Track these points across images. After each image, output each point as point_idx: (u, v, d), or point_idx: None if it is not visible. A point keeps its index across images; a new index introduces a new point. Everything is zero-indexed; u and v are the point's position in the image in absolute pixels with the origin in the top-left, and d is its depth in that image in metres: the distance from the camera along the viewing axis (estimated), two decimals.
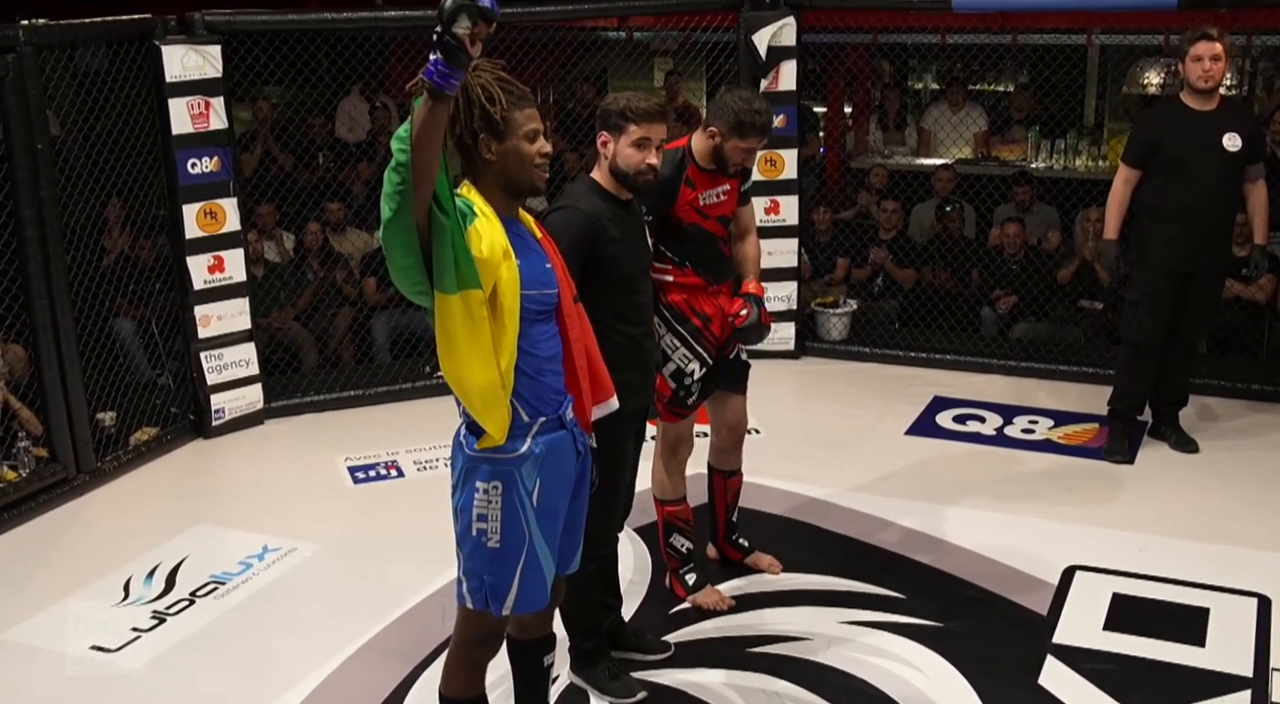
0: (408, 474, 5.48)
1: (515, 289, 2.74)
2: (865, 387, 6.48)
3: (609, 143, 3.40)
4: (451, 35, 2.43)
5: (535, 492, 2.86)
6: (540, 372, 2.84)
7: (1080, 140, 8.78)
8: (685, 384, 3.99)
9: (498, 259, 2.70)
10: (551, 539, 2.92)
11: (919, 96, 10.10)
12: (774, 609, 4.19)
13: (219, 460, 5.78)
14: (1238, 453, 5.52)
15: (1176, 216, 5.16)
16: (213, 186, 5.74)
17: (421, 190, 2.56)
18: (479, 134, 2.75)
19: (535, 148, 2.77)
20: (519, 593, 2.88)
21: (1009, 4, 7.15)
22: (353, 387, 6.39)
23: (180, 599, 4.38)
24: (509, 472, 2.82)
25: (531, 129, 2.77)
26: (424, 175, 2.55)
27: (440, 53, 2.45)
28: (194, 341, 5.83)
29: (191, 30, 5.63)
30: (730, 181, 4.01)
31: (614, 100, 3.45)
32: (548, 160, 2.82)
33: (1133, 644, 3.93)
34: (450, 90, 2.49)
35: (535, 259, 2.84)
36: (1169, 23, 7.20)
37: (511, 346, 2.75)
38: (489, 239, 2.70)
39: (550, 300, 2.87)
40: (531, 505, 2.85)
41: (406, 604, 4.27)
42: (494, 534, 2.85)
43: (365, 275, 7.25)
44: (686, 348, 3.98)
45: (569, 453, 2.94)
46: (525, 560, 2.86)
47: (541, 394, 2.84)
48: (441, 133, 2.55)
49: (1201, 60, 5.04)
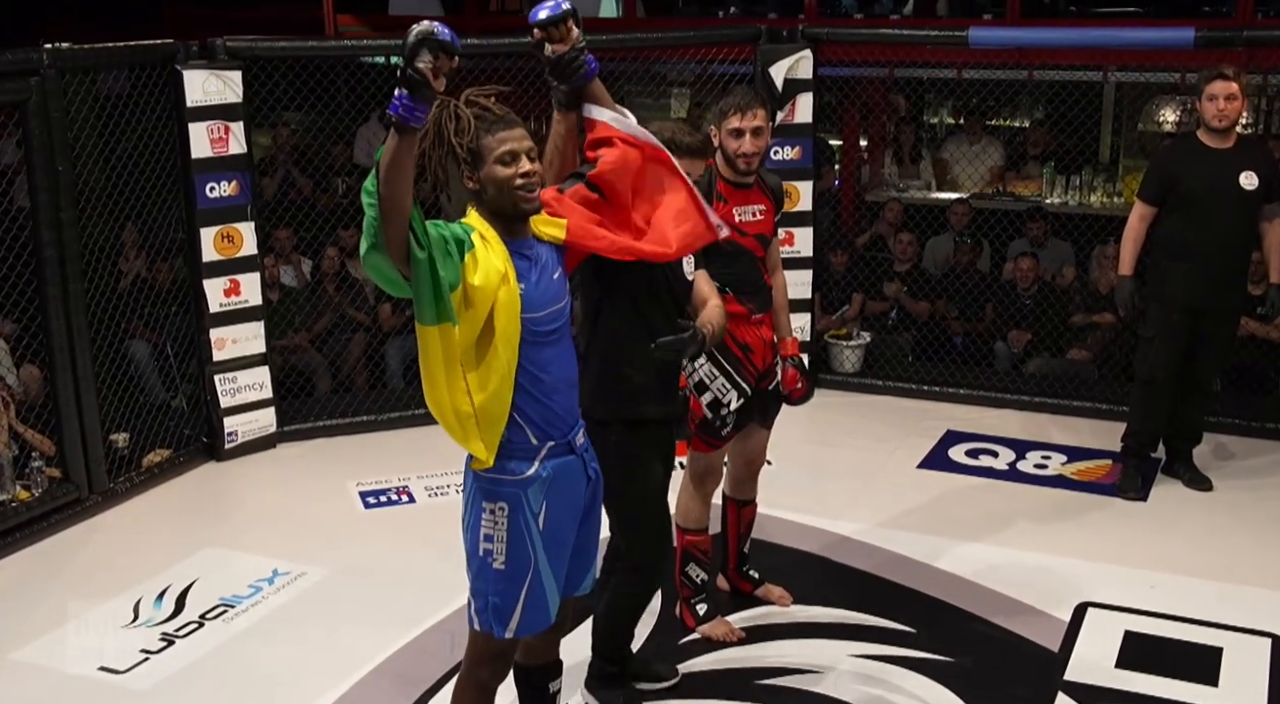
0: (419, 500, 5.48)
1: (514, 313, 2.75)
2: (878, 419, 6.47)
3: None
4: (414, 69, 2.47)
5: (541, 515, 2.87)
6: (549, 394, 2.85)
7: (1095, 177, 8.77)
8: (722, 415, 3.99)
9: (493, 285, 2.72)
10: (558, 563, 2.94)
11: (934, 131, 10.12)
12: (784, 641, 4.17)
13: (231, 483, 5.79)
14: (1252, 492, 5.49)
15: (1192, 254, 5.15)
16: (231, 210, 5.78)
17: (393, 224, 2.57)
18: (459, 165, 2.77)
19: (512, 171, 2.74)
20: (523, 615, 2.90)
21: (1025, 40, 7.18)
22: (366, 412, 6.40)
23: (190, 621, 4.38)
24: (515, 494, 2.85)
25: (505, 152, 2.74)
26: (394, 209, 2.56)
27: (404, 87, 2.49)
28: (208, 364, 5.85)
29: (213, 56, 5.68)
30: (764, 201, 4.02)
31: (658, 132, 3.41)
32: (530, 180, 2.76)
33: (1145, 683, 3.91)
34: (416, 123, 2.52)
35: (545, 277, 2.84)
36: (1185, 61, 7.20)
37: (503, 373, 2.76)
38: (484, 265, 2.72)
39: (560, 318, 2.88)
40: (537, 528, 2.87)
41: (415, 630, 4.27)
42: (499, 555, 2.87)
43: (380, 301, 7.27)
44: (726, 378, 3.97)
45: (578, 478, 2.95)
46: (530, 583, 2.89)
47: (550, 417, 2.86)
48: (410, 166, 2.56)
49: (1217, 99, 5.05)
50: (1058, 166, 8.73)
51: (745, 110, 3.88)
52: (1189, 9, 8.24)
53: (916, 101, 9.85)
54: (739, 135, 3.90)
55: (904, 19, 9.05)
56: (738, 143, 3.90)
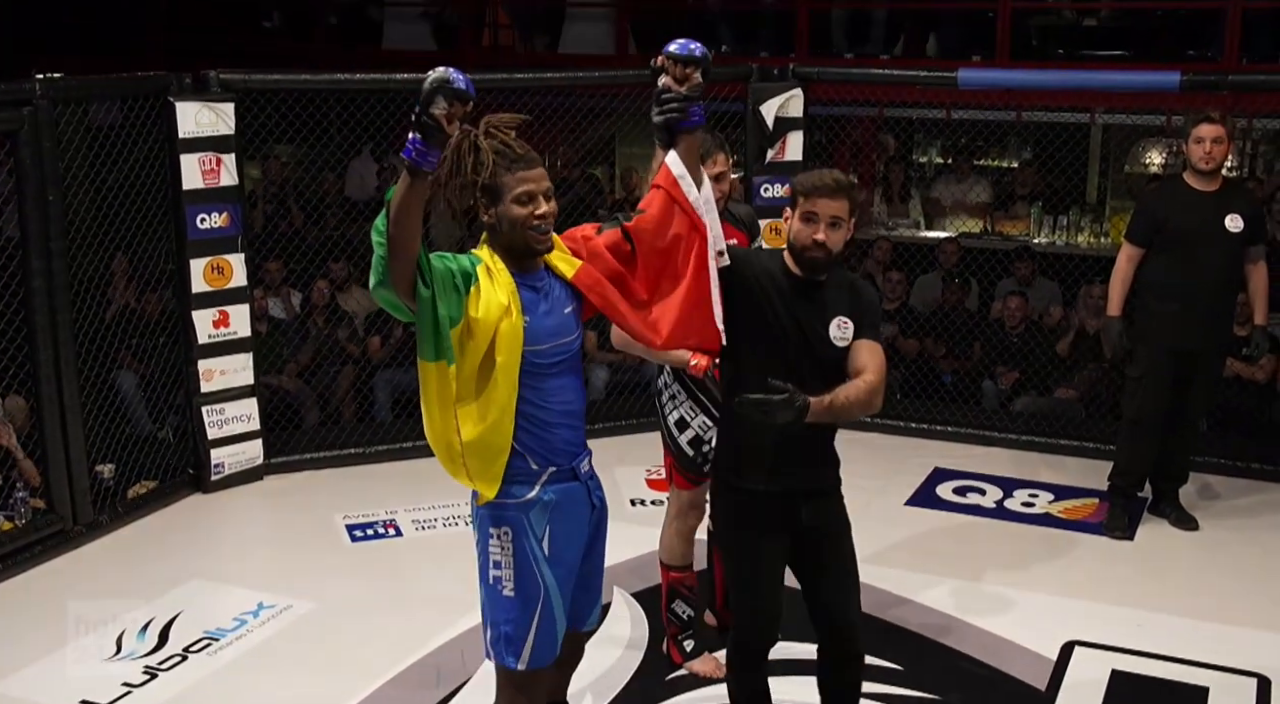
0: (406, 533, 5.45)
1: (516, 345, 2.77)
2: (866, 456, 6.46)
3: (789, 217, 3.22)
4: (428, 116, 2.52)
5: (545, 539, 2.89)
6: (547, 427, 2.87)
7: (1082, 217, 8.85)
8: (703, 451, 3.99)
9: (493, 318, 2.75)
10: (565, 592, 2.94)
11: (923, 170, 10.20)
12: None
13: (217, 515, 5.76)
14: (1238, 531, 5.50)
15: (1179, 295, 5.19)
16: (221, 242, 5.78)
17: (400, 262, 2.62)
18: (477, 197, 2.80)
19: (528, 211, 2.78)
20: (535, 645, 2.90)
21: (1013, 82, 7.26)
22: (353, 444, 6.38)
23: (173, 655, 4.35)
24: (517, 518, 2.87)
25: (523, 192, 2.77)
26: (402, 249, 2.60)
27: (418, 132, 2.54)
28: (196, 396, 5.84)
29: (206, 88, 5.70)
30: (735, 234, 4.05)
31: (797, 175, 3.35)
32: (544, 221, 2.80)
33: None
34: (428, 167, 2.56)
35: (555, 311, 2.86)
36: (1171, 103, 7.30)
37: (502, 405, 2.79)
38: (486, 298, 2.75)
39: (567, 351, 2.89)
40: (543, 554, 2.88)
41: (401, 665, 4.24)
42: (509, 582, 2.89)
43: (369, 334, 7.28)
44: (706, 415, 3.98)
45: (582, 504, 2.97)
46: (541, 611, 2.89)
47: (552, 446, 2.88)
48: (420, 208, 2.61)
49: (1203, 142, 5.10)
50: (1045, 207, 8.82)
51: (705, 158, 3.88)
52: (1175, 53, 8.34)
53: (906, 141, 9.95)
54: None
55: (894, 59, 9.14)
56: None
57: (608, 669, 4.20)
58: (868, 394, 3.12)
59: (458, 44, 10.96)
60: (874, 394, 3.13)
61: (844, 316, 3.20)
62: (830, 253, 3.15)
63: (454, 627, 4.48)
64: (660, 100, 2.98)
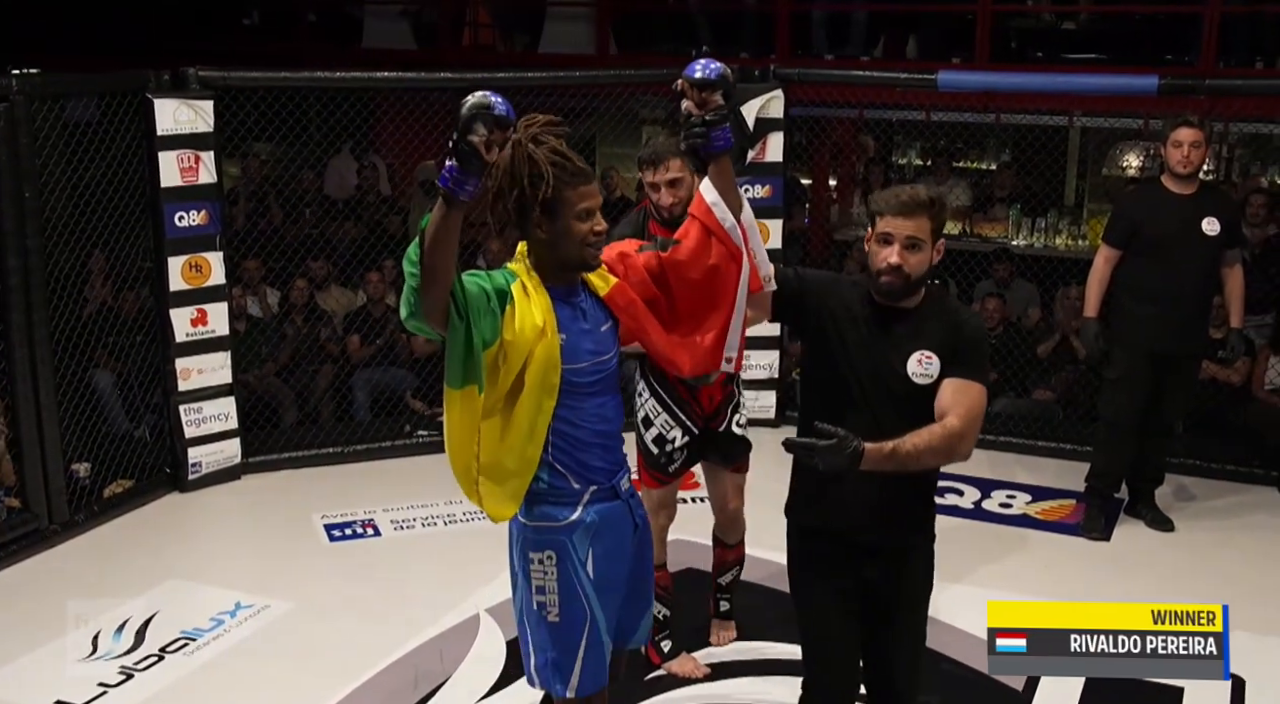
0: (385, 533, 5.44)
1: (551, 366, 2.70)
2: None
3: (869, 238, 2.96)
4: (466, 143, 2.43)
5: (589, 562, 2.81)
6: (587, 446, 2.80)
7: (1060, 219, 8.89)
8: (667, 451, 3.99)
9: (527, 340, 2.67)
10: (609, 613, 2.88)
11: (903, 171, 10.23)
12: (748, 678, 4.17)
13: (194, 515, 5.73)
14: (1213, 532, 5.54)
15: (1156, 298, 5.22)
16: (199, 240, 5.75)
17: (433, 293, 2.53)
18: (531, 210, 2.69)
19: (587, 227, 2.70)
20: (583, 672, 2.82)
21: (993, 84, 7.28)
22: (332, 444, 6.37)
23: (149, 655, 4.33)
24: (560, 541, 2.79)
25: (584, 208, 2.70)
26: (435, 279, 2.52)
27: (455, 159, 2.45)
28: (173, 394, 5.81)
29: (185, 85, 5.67)
30: None
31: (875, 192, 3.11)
32: (601, 238, 2.75)
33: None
34: (465, 196, 2.47)
35: (593, 328, 2.80)
36: (1149, 107, 7.33)
37: (526, 427, 2.71)
38: (521, 319, 2.68)
39: (605, 369, 2.82)
40: (588, 577, 2.81)
41: (378, 665, 4.23)
42: (553, 607, 2.81)
43: (348, 333, 7.25)
44: (669, 414, 3.98)
45: (625, 524, 2.90)
46: (588, 637, 2.81)
47: (589, 466, 2.81)
48: (456, 238, 2.51)
49: (1181, 146, 5.13)
50: (1024, 209, 8.85)
51: (657, 164, 3.90)
52: (1153, 57, 8.38)
53: (885, 142, 9.98)
54: (655, 189, 3.93)
55: (874, 61, 9.16)
56: (655, 195, 3.94)
57: None
58: (944, 441, 2.78)
59: (437, 43, 10.93)
60: (953, 441, 2.79)
61: (929, 350, 2.88)
62: (908, 278, 2.86)
63: (433, 627, 4.48)
64: (685, 123, 2.86)
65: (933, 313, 2.94)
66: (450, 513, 5.58)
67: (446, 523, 5.51)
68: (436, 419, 6.64)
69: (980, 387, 2.88)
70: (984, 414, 2.90)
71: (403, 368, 7.12)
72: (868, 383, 2.90)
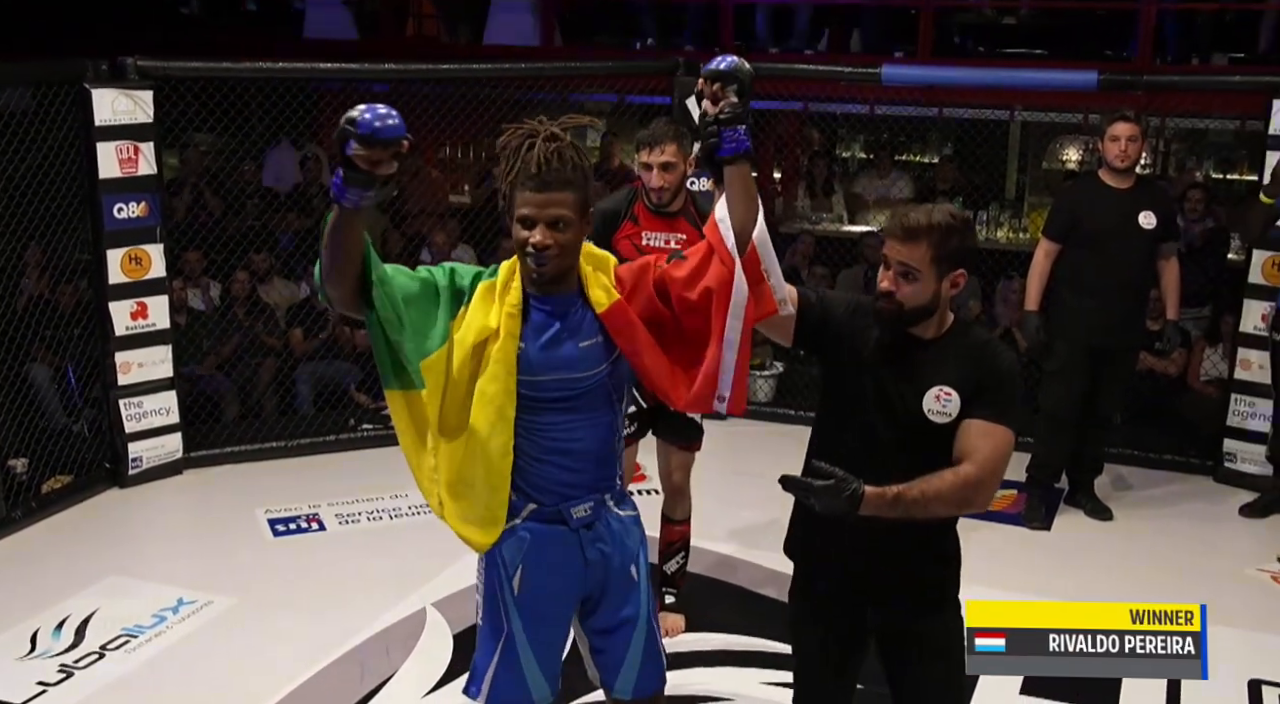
0: (329, 528, 5.40)
1: (508, 370, 2.57)
2: (790, 449, 6.42)
3: None
4: (344, 156, 2.29)
5: (516, 578, 2.68)
6: (536, 460, 2.64)
7: (1002, 213, 9.00)
8: None
9: (468, 342, 2.56)
10: (540, 638, 2.73)
11: (846, 165, 10.31)
12: (696, 669, 4.18)
13: (135, 510, 5.65)
14: (1150, 520, 5.64)
15: (1094, 291, 5.29)
16: (139, 232, 5.67)
17: (335, 288, 2.45)
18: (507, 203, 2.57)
19: (525, 235, 2.50)
20: (494, 682, 2.73)
21: (936, 79, 7.35)
22: (275, 438, 6.31)
23: (90, 653, 4.27)
24: (492, 549, 2.68)
25: (524, 214, 2.50)
26: (333, 276, 2.43)
27: (343, 166, 2.31)
28: (113, 389, 5.72)
29: (123, 75, 5.59)
30: (689, 232, 3.98)
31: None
32: (537, 253, 2.50)
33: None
34: (349, 204, 2.32)
35: (567, 340, 2.61)
36: (1088, 102, 7.43)
37: (482, 437, 2.57)
38: (470, 320, 2.57)
39: (575, 388, 2.62)
40: (511, 592, 2.68)
41: (323, 661, 4.20)
42: (480, 610, 2.76)
43: (291, 326, 7.19)
44: None
45: (569, 555, 2.70)
46: (501, 651, 2.72)
47: (535, 483, 2.65)
48: (351, 237, 2.39)
49: (1119, 140, 5.21)
50: (965, 202, 8.93)
51: (654, 146, 3.96)
52: (1091, 52, 8.51)
53: (830, 136, 10.04)
54: (647, 169, 3.98)
55: (818, 55, 9.22)
56: (647, 176, 3.99)
57: None
58: (957, 489, 2.53)
59: (380, 33, 10.85)
60: (967, 491, 2.54)
61: (948, 386, 2.60)
62: (901, 307, 2.60)
63: (378, 621, 4.46)
64: (700, 129, 2.62)
65: (957, 344, 2.66)
66: (395, 507, 5.55)
67: (392, 517, 5.48)
68: (381, 412, 6.61)
69: (1005, 431, 2.59)
70: (1008, 461, 2.62)
71: (347, 361, 7.07)
72: (881, 418, 2.65)
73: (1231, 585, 5.00)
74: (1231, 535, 5.53)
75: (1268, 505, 5.65)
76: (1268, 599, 4.87)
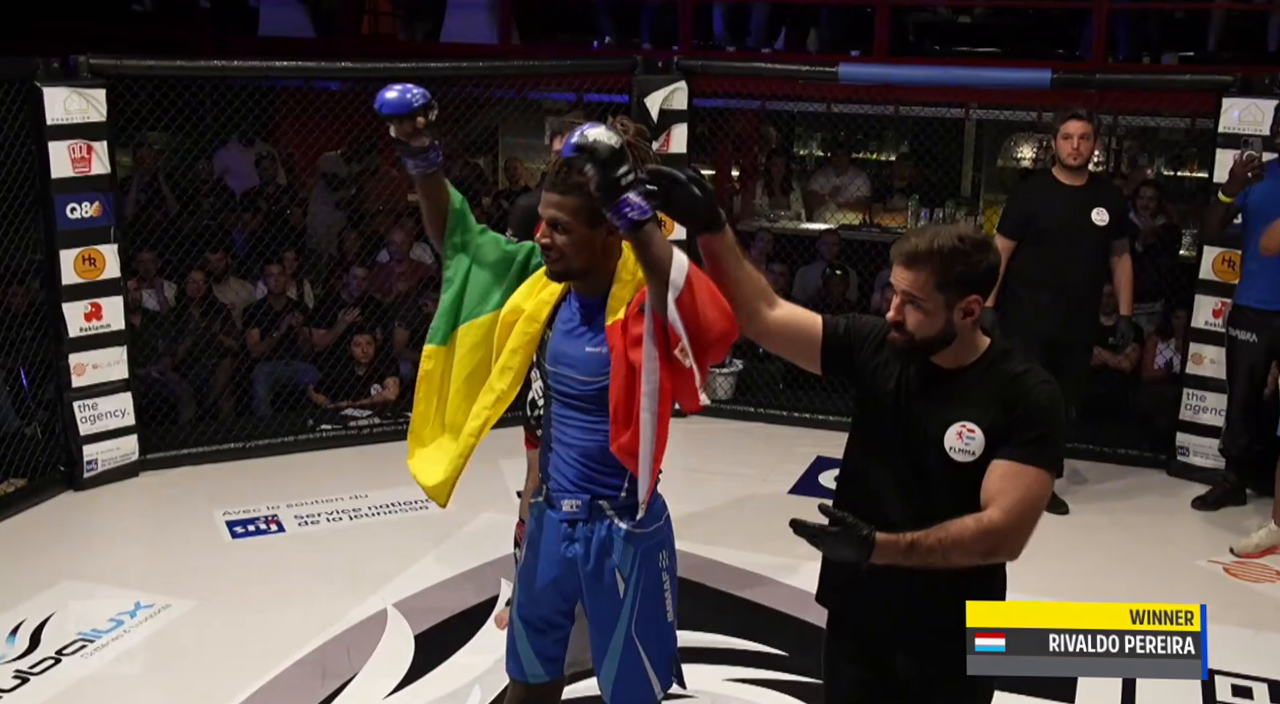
0: (289, 529, 5.37)
1: (517, 349, 2.74)
2: (750, 446, 6.56)
3: None
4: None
5: (521, 556, 2.93)
6: (547, 446, 2.83)
7: (958, 210, 9.08)
8: (535, 414, 4.00)
9: (505, 317, 2.78)
10: (532, 622, 2.89)
11: (804, 162, 10.36)
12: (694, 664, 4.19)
13: (90, 513, 5.59)
14: (1106, 514, 5.71)
15: (1048, 287, 5.35)
16: (93, 232, 5.61)
17: (430, 224, 2.87)
18: None
19: (537, 233, 2.65)
20: (506, 654, 2.96)
21: (892, 77, 7.40)
22: (233, 439, 6.26)
23: (45, 658, 4.22)
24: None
25: (545, 214, 2.61)
26: (427, 218, 2.86)
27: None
28: (67, 390, 5.66)
29: (76, 74, 5.52)
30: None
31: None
32: (543, 250, 2.63)
33: (1006, 700, 4.00)
34: (415, 171, 2.75)
35: (581, 340, 2.69)
36: (1042, 100, 7.51)
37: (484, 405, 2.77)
38: (514, 298, 2.79)
39: (575, 388, 2.70)
40: (515, 569, 2.99)
41: (284, 663, 4.17)
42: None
43: (247, 326, 7.14)
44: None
45: (551, 538, 2.82)
46: (510, 625, 2.96)
47: (545, 466, 2.84)
48: (427, 203, 2.81)
49: (1071, 138, 5.27)
50: (922, 199, 9.01)
51: (563, 133, 3.96)
52: (1045, 51, 8.60)
53: (787, 133, 10.09)
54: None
55: (775, 53, 9.25)
56: None
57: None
58: (980, 538, 2.34)
59: (336, 31, 10.78)
60: (992, 540, 2.35)
61: (971, 422, 2.41)
62: (912, 337, 2.44)
63: (340, 622, 4.44)
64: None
65: (985, 376, 2.45)
66: (355, 507, 5.53)
67: (352, 517, 5.46)
68: (340, 412, 6.58)
69: (1038, 473, 2.39)
70: (1040, 508, 2.43)
71: (304, 361, 7.03)
72: (905, 455, 2.48)
73: (1184, 577, 5.08)
74: (1184, 528, 5.61)
75: (1220, 498, 5.74)
76: (1220, 591, 4.94)
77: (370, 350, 6.81)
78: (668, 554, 2.83)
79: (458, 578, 4.82)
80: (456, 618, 4.50)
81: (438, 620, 4.48)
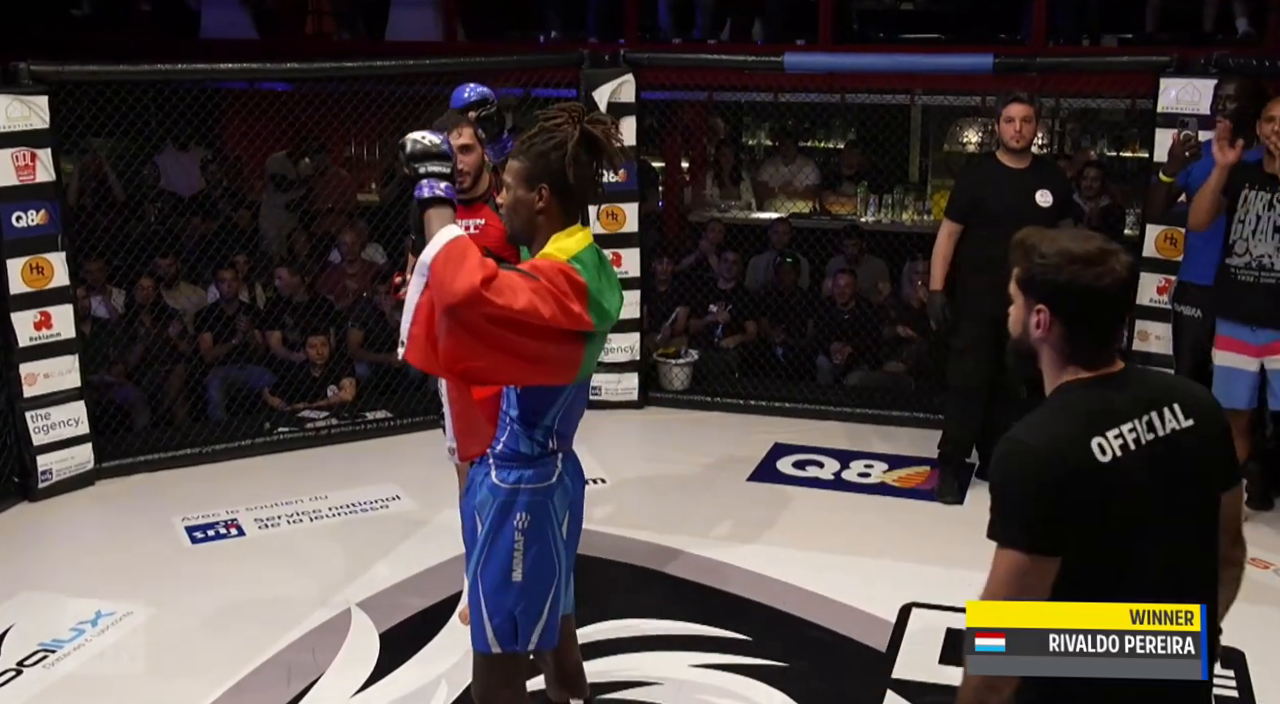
0: (249, 533, 5.35)
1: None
2: (708, 435, 6.60)
3: None
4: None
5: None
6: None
7: (906, 195, 9.16)
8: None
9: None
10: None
11: (753, 152, 10.41)
12: (624, 655, 4.23)
13: (47, 524, 5.54)
14: None
15: (995, 268, 5.35)
16: (40, 240, 5.55)
17: None
18: None
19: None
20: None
21: (837, 65, 7.46)
22: (189, 445, 6.22)
23: (6, 670, 4.19)
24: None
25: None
26: None
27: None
28: (19, 400, 5.60)
29: (16, 80, 5.46)
30: (490, 216, 4.03)
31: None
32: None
33: None
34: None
35: None
36: (985, 85, 7.60)
37: None
38: None
39: None
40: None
41: (249, 666, 4.17)
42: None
43: (200, 331, 7.09)
44: None
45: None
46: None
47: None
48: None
49: (1014, 121, 5.35)
50: (871, 186, 9.09)
51: (449, 131, 3.95)
52: (987, 36, 8.68)
53: (735, 124, 10.13)
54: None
55: (721, 44, 9.29)
56: None
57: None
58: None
59: (279, 32, 10.70)
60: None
61: None
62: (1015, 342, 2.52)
63: (304, 623, 4.43)
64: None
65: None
66: (316, 509, 5.52)
67: (312, 519, 5.45)
68: (297, 415, 6.55)
69: (997, 552, 2.33)
70: (1015, 591, 2.26)
71: (259, 364, 6.99)
72: None
73: None
74: None
75: None
76: None
77: (325, 351, 6.80)
78: (528, 518, 2.93)
79: (420, 576, 4.83)
80: (420, 615, 4.52)
81: (402, 618, 4.49)
